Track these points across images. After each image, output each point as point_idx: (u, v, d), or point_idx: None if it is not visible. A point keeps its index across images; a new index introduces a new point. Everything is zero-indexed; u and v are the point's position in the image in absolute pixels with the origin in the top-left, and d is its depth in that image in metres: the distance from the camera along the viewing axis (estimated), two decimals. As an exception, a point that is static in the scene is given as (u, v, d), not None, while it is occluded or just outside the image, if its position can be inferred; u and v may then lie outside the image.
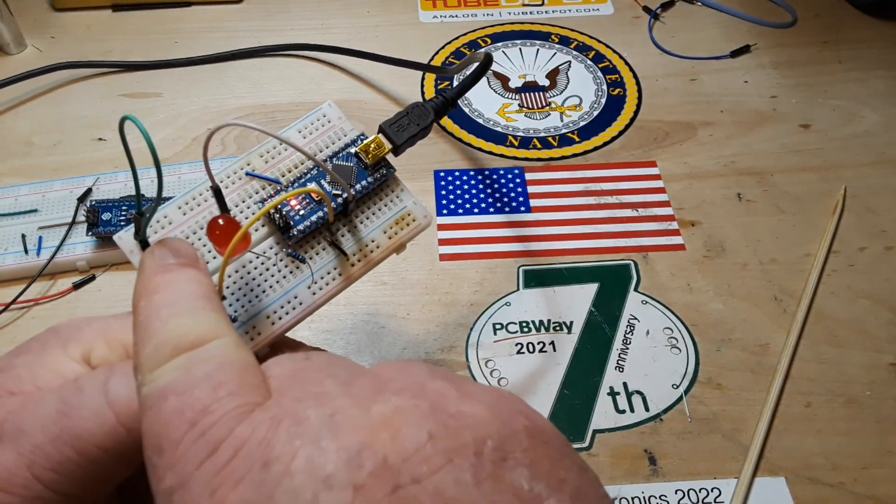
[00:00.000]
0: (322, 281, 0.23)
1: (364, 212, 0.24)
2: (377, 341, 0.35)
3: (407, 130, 0.25)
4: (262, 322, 0.22)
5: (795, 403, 0.33)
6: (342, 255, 0.23)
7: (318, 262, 0.23)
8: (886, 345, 0.35)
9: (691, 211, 0.41)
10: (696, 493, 0.31)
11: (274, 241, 0.23)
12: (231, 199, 0.23)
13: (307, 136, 0.25)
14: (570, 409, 0.33)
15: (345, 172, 0.24)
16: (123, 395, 0.19)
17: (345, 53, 0.49)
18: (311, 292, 0.23)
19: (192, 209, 0.23)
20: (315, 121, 0.25)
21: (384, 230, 0.24)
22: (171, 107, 0.47)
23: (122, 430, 0.18)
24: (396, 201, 0.25)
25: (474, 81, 0.31)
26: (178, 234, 0.22)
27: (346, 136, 0.25)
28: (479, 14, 0.54)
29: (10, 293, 0.36)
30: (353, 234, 0.24)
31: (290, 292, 0.23)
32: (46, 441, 0.18)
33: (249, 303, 0.22)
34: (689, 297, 0.37)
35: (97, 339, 0.21)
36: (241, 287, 0.22)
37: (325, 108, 0.25)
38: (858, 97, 0.48)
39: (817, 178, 0.43)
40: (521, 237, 0.40)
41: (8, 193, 0.39)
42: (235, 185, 0.23)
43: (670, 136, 0.45)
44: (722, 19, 0.54)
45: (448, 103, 0.28)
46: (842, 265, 0.39)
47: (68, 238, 0.37)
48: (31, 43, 0.51)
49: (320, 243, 0.23)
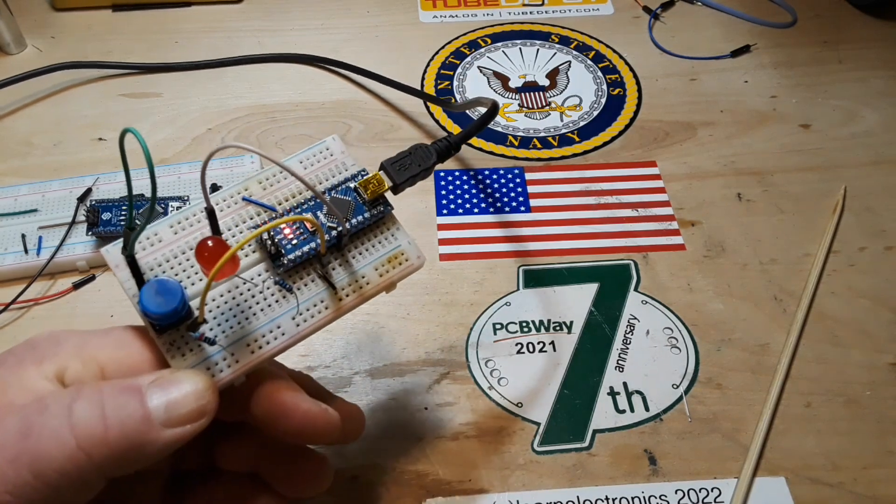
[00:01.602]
0: (308, 313, 0.23)
1: (357, 247, 0.24)
2: (377, 341, 0.35)
3: (408, 170, 0.25)
4: (242, 349, 0.22)
5: (795, 403, 0.33)
6: (331, 289, 0.23)
7: (306, 294, 0.23)
8: (886, 345, 0.35)
9: (691, 211, 0.41)
10: (696, 492, 0.31)
11: (264, 269, 0.23)
12: (224, 223, 0.23)
13: (308, 168, 0.24)
14: (570, 408, 0.33)
15: (342, 206, 0.23)
16: (87, 419, 0.18)
17: (347, 69, 0.49)
18: (296, 323, 0.23)
19: (185, 228, 0.22)
20: (318, 153, 0.25)
21: (375, 267, 0.24)
22: (170, 107, 0.47)
23: (82, 455, 0.18)
24: (391, 239, 0.24)
25: (479, 129, 0.31)
26: (166, 252, 0.22)
27: (346, 170, 0.25)
28: (479, 14, 0.54)
29: (10, 293, 0.36)
30: (345, 268, 0.24)
31: (274, 321, 0.22)
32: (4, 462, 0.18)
33: (231, 329, 0.22)
34: (689, 297, 0.37)
35: (73, 356, 0.21)
36: (224, 312, 0.22)
37: (329, 141, 0.25)
38: (858, 97, 0.48)
39: (817, 178, 0.43)
40: (520, 237, 0.40)
41: (8, 193, 0.39)
42: (231, 209, 0.23)
43: (670, 136, 0.45)
44: (722, 19, 0.54)
45: (451, 147, 0.28)
46: (842, 265, 0.38)
47: (68, 238, 0.37)
48: (31, 43, 0.51)
49: (310, 274, 0.23)
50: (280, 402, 0.22)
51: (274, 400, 0.22)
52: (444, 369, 0.34)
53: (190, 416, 0.20)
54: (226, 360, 0.22)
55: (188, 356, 0.21)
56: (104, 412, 0.19)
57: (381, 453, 0.31)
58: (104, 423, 0.18)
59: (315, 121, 0.46)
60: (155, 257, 0.22)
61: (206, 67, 0.49)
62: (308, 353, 0.35)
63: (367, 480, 0.31)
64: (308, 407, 0.22)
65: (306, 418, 0.22)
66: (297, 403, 0.22)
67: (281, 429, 0.22)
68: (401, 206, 0.41)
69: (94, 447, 0.18)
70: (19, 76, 0.46)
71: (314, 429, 0.22)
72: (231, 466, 0.26)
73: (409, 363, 0.35)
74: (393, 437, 0.32)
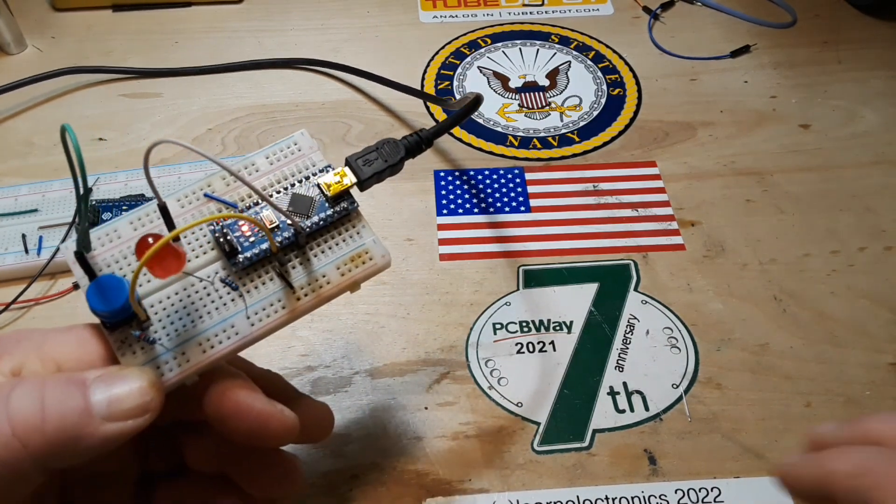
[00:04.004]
0: (263, 312, 0.22)
1: (321, 244, 0.23)
2: (377, 341, 0.35)
3: (373, 165, 0.24)
4: (193, 349, 0.22)
5: (795, 403, 0.33)
6: (288, 288, 0.23)
7: (263, 292, 0.22)
8: (886, 345, 0.35)
9: (691, 211, 0.41)
10: (696, 492, 0.31)
11: (221, 267, 0.22)
12: (184, 219, 0.22)
13: (274, 163, 0.24)
14: (570, 408, 0.33)
15: (304, 203, 0.23)
16: (24, 408, 0.18)
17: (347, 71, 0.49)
18: (250, 323, 0.22)
19: (145, 225, 0.22)
20: (285, 148, 0.24)
21: (337, 266, 0.23)
22: (170, 107, 0.47)
23: (16, 443, 0.18)
24: (356, 237, 0.24)
25: (455, 123, 0.30)
26: (123, 249, 0.22)
27: (314, 165, 0.24)
28: (479, 14, 0.54)
29: (10, 293, 0.36)
30: (305, 267, 0.23)
31: (228, 321, 0.22)
32: None
33: (184, 327, 0.22)
34: (689, 297, 0.37)
35: (31, 353, 0.21)
36: (178, 310, 0.22)
37: (298, 136, 0.24)
38: (858, 97, 0.48)
39: (817, 178, 0.43)
40: (520, 237, 0.40)
41: (8, 193, 0.39)
42: (192, 206, 0.23)
43: (670, 136, 0.45)
44: (722, 19, 0.54)
45: (422, 142, 0.26)
46: (842, 265, 0.39)
47: (69, 238, 0.37)
48: (31, 43, 0.51)
49: (268, 273, 0.23)
50: (232, 403, 0.22)
51: (225, 400, 0.22)
52: (444, 369, 0.34)
53: (132, 411, 0.20)
54: (176, 360, 0.21)
55: (139, 354, 0.21)
56: (43, 403, 0.19)
57: (381, 453, 0.31)
58: (42, 414, 0.18)
59: (315, 121, 0.46)
60: (112, 254, 0.22)
61: (209, 73, 0.49)
62: (308, 352, 0.35)
63: (367, 480, 0.31)
64: (261, 407, 0.22)
65: (259, 419, 0.22)
66: (250, 404, 0.22)
67: (233, 429, 0.22)
68: (400, 206, 0.41)
69: (29, 436, 0.18)
70: (24, 80, 0.46)
71: (267, 430, 0.22)
72: (199, 467, 0.26)
73: (409, 363, 0.35)
74: (393, 437, 0.32)
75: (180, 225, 0.22)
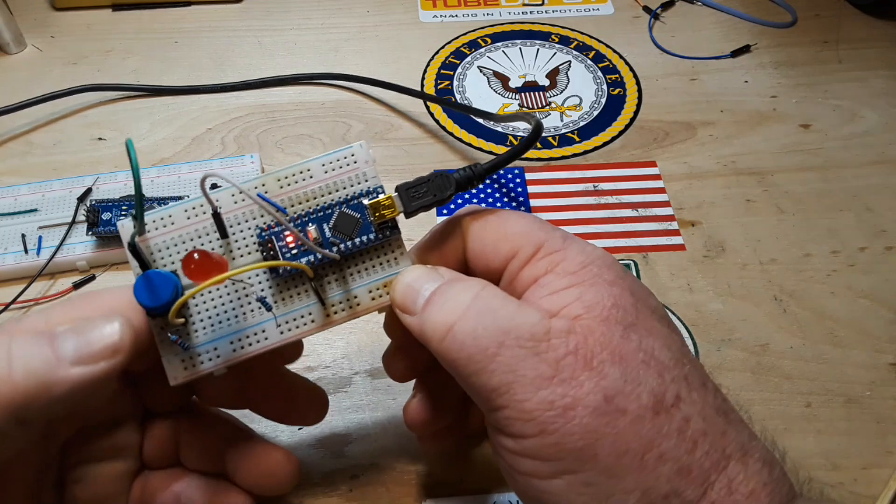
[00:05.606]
0: (294, 322, 0.23)
1: (359, 265, 0.24)
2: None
3: (422, 199, 0.24)
4: (225, 346, 0.23)
5: (795, 403, 0.33)
6: (320, 303, 0.23)
7: (297, 303, 0.23)
8: (886, 345, 0.35)
9: (691, 211, 0.41)
10: (696, 493, 0.30)
11: (262, 271, 0.23)
12: (234, 216, 0.23)
13: (329, 172, 0.24)
14: (570, 408, 0.33)
15: (349, 222, 0.23)
16: None
17: (346, 79, 0.49)
18: (280, 331, 0.23)
19: (198, 215, 0.23)
20: (342, 157, 0.24)
21: (370, 290, 0.24)
22: (171, 106, 0.47)
23: None
24: (393, 263, 0.24)
25: (516, 156, 0.27)
26: (174, 236, 0.23)
27: (366, 181, 0.24)
28: (479, 14, 0.54)
29: (10, 293, 0.36)
30: (340, 285, 0.24)
31: (260, 325, 0.23)
32: None
33: (220, 324, 0.23)
34: (689, 297, 0.37)
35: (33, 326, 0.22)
36: (216, 306, 0.23)
37: (356, 147, 0.24)
38: (858, 97, 0.48)
39: (817, 178, 0.43)
40: (521, 237, 0.40)
41: (8, 193, 0.39)
42: (240, 205, 0.23)
43: (670, 136, 0.45)
44: (722, 19, 0.54)
45: (475, 178, 0.25)
46: (842, 265, 0.38)
47: (68, 238, 0.37)
48: (30, 42, 0.51)
49: (304, 284, 0.23)
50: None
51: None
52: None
53: (102, 352, 0.20)
54: (208, 354, 0.23)
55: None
56: (10, 353, 0.19)
57: (381, 453, 0.31)
58: (10, 364, 0.19)
59: (315, 120, 0.46)
60: (164, 239, 0.23)
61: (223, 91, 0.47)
62: (308, 352, 0.35)
63: (367, 480, 0.31)
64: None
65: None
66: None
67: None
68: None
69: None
70: (44, 97, 0.45)
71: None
72: (194, 465, 0.26)
73: (409, 363, 0.34)
74: (393, 437, 0.32)
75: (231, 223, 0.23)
